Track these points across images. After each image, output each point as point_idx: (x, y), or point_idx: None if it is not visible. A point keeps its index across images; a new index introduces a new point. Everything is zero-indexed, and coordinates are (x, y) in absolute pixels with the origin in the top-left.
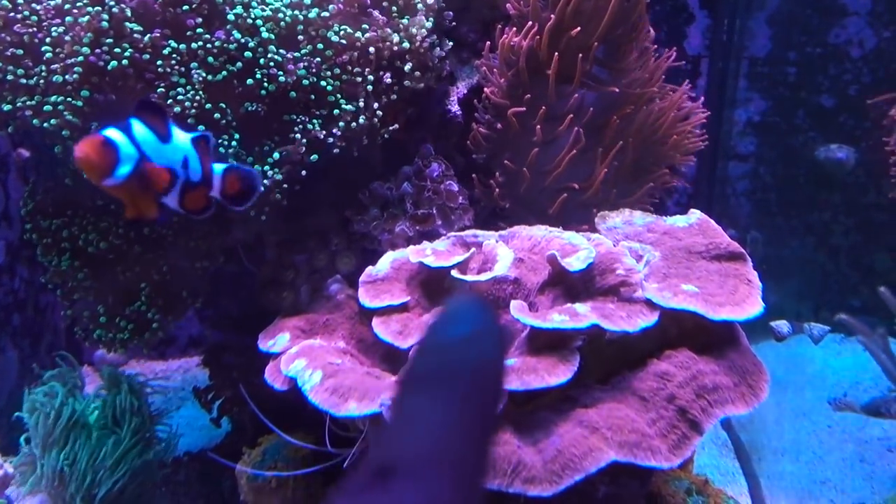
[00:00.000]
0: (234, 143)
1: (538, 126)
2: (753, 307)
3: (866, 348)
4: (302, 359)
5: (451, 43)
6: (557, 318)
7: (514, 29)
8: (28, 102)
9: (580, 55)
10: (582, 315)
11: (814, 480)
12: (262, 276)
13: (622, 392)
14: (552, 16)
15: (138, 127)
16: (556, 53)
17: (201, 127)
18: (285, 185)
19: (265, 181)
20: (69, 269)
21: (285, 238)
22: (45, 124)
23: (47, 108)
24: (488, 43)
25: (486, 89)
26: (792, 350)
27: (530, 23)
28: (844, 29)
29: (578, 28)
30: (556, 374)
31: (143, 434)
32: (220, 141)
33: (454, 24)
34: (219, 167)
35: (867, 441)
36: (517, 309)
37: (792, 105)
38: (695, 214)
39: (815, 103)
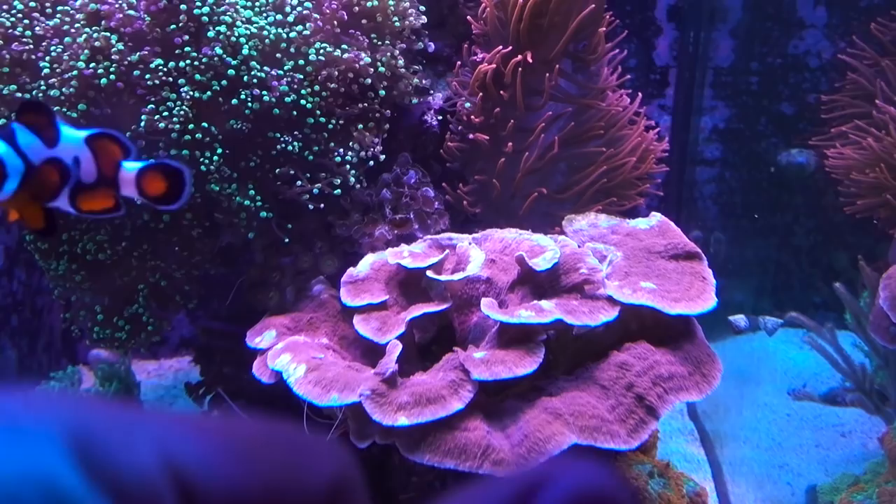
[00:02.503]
0: (215, 157)
1: (509, 142)
2: (707, 302)
3: (812, 346)
4: (287, 353)
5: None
6: (524, 314)
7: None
8: None
9: (546, 66)
10: (547, 311)
11: (773, 465)
12: (250, 277)
13: (585, 381)
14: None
15: (22, 133)
16: (520, 70)
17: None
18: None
19: (251, 203)
20: (67, 272)
21: (272, 242)
22: None
23: None
24: (458, 63)
25: (458, 104)
26: (753, 345)
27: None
28: (803, 40)
29: (534, 48)
30: (523, 365)
31: None
32: (204, 156)
33: (431, 43)
34: (132, 165)
35: (822, 428)
36: (487, 306)
37: (755, 112)
38: (655, 217)
39: (776, 111)
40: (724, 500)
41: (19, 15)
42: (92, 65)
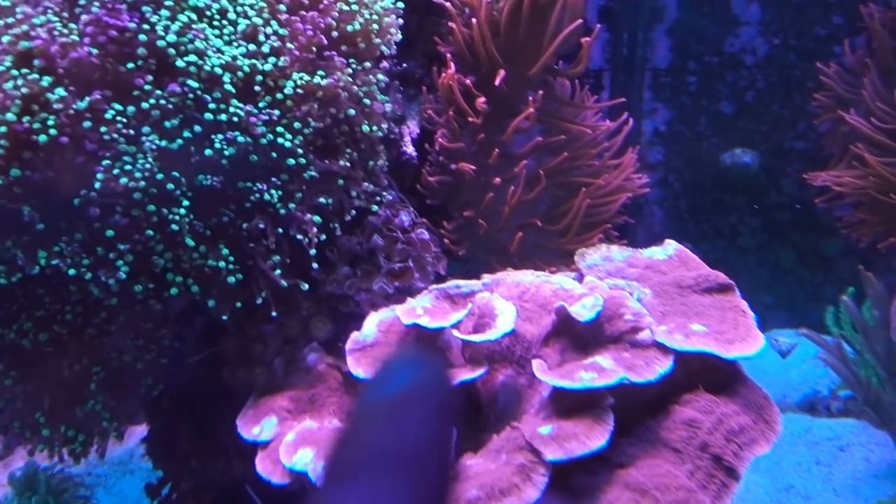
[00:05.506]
0: (181, 210)
1: (495, 173)
2: (758, 340)
3: (826, 363)
4: (307, 448)
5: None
6: (586, 377)
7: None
8: None
9: (525, 84)
10: (609, 370)
11: (778, 488)
12: (224, 350)
13: (653, 445)
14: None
15: None
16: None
17: None
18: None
19: (224, 266)
20: None
21: (244, 305)
22: None
23: None
24: (423, 88)
25: (437, 134)
26: None
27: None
28: (738, 38)
29: (510, 65)
30: (594, 437)
31: None
32: (172, 212)
33: (402, 64)
34: None
35: (818, 442)
36: (539, 369)
37: (694, 113)
38: (671, 245)
39: (715, 110)
40: None
41: None
42: (26, 118)
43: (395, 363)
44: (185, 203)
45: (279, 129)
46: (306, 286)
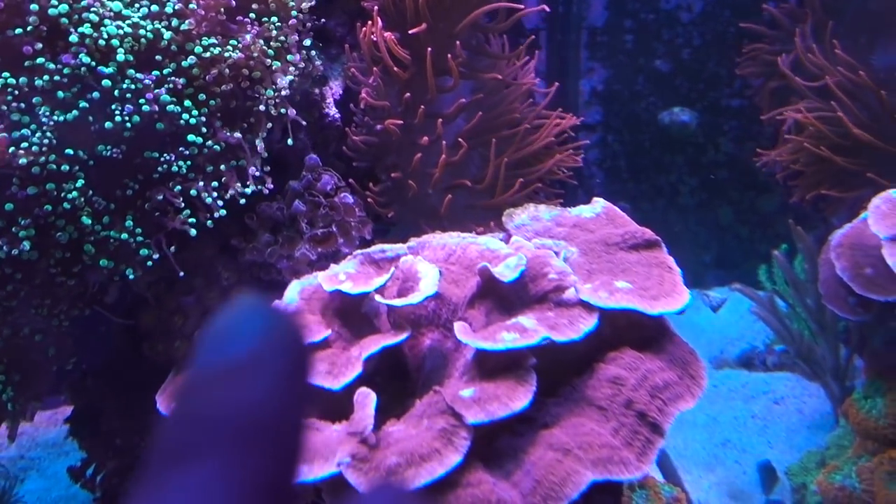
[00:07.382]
0: (75, 190)
1: (422, 132)
2: (683, 296)
3: (759, 317)
4: None
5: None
6: (508, 337)
7: (371, 23)
8: None
9: (451, 41)
10: (531, 330)
11: (715, 443)
12: (143, 324)
13: (578, 404)
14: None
15: None
16: (430, 50)
17: None
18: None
19: (129, 238)
20: None
21: (161, 277)
22: None
23: None
24: (346, 46)
25: (362, 92)
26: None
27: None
28: None
29: (436, 21)
30: (516, 398)
31: None
32: (67, 188)
33: (322, 20)
34: None
35: (754, 396)
36: (462, 332)
37: (631, 72)
38: (599, 203)
39: (652, 69)
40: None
41: None
42: None
43: (229, 324)
44: (80, 182)
45: (187, 102)
46: (211, 222)
